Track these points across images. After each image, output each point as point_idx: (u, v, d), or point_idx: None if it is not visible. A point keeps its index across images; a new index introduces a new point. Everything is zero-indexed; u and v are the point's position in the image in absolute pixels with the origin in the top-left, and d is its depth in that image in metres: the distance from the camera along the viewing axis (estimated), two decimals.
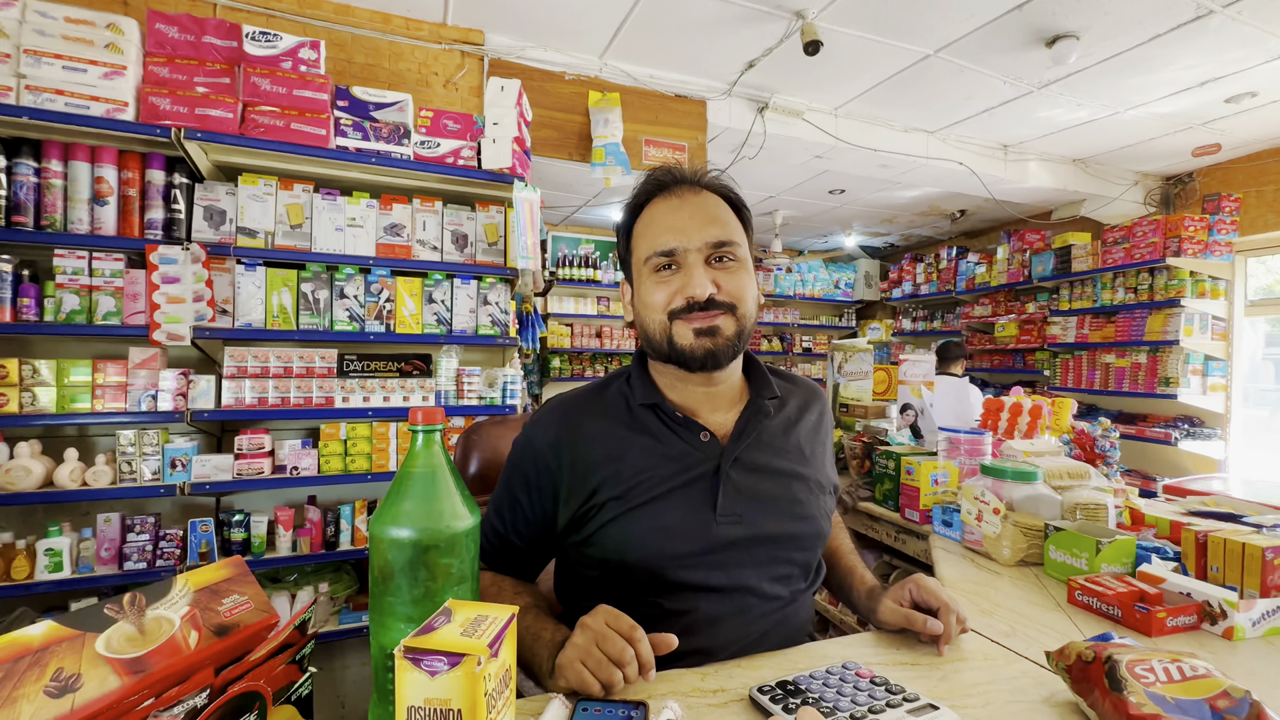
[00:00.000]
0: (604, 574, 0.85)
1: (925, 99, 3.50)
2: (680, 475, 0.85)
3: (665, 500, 0.84)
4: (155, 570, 2.00)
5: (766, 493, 0.88)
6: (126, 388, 2.03)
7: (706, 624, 0.84)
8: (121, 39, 1.96)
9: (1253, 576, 1.01)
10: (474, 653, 0.51)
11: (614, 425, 0.89)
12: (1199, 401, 4.08)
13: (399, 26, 2.76)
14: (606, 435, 0.88)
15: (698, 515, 0.84)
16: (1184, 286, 4.03)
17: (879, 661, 0.86)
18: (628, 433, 0.88)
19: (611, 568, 0.84)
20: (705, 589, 0.84)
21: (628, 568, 0.83)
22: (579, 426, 0.89)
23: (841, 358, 2.48)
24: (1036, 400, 1.90)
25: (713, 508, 0.84)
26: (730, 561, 0.85)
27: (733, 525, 0.84)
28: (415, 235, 2.38)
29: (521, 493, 0.89)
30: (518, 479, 0.90)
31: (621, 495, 0.84)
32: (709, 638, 0.84)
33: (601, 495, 0.84)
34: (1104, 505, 1.34)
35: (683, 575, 0.83)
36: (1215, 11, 2.56)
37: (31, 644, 0.52)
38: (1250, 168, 4.19)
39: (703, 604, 0.84)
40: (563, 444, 0.87)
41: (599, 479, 0.85)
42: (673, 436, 0.88)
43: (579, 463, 0.86)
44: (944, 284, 6.11)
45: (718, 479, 0.86)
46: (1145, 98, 3.39)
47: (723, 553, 0.84)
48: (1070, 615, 1.04)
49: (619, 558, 0.83)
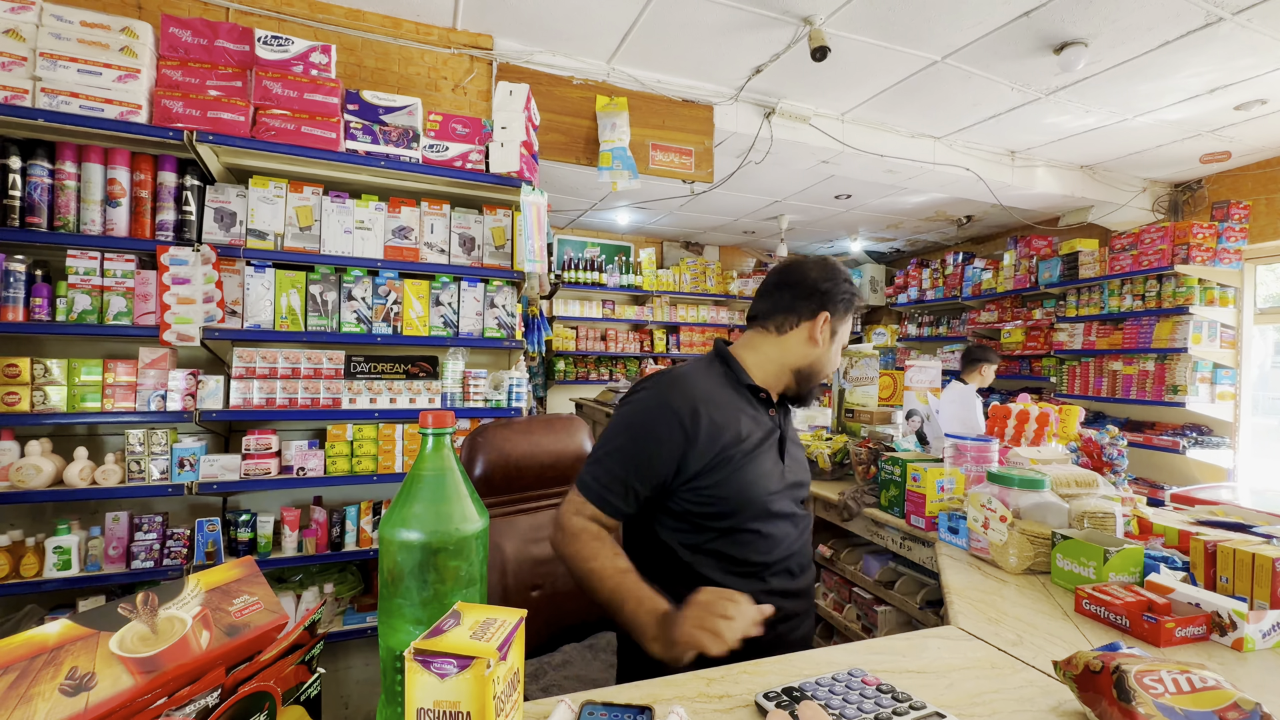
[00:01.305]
0: (726, 509, 1.13)
1: (932, 105, 3.50)
2: (766, 438, 1.20)
3: (763, 454, 1.18)
4: (163, 569, 2.01)
5: (794, 455, 1.28)
6: (136, 387, 2.04)
7: (780, 540, 1.18)
8: (136, 43, 1.98)
9: (1263, 587, 1.01)
10: (484, 655, 0.52)
11: (732, 397, 1.20)
12: (1207, 409, 4.06)
13: (409, 31, 2.78)
14: (729, 404, 1.18)
15: (777, 466, 1.20)
16: (1192, 294, 4.01)
17: (885, 669, 0.86)
18: (739, 403, 1.20)
19: (734, 502, 1.13)
20: (779, 515, 1.18)
21: (747, 499, 1.13)
22: (711, 396, 1.17)
23: (847, 363, 2.47)
24: (1044, 407, 1.90)
25: (781, 461, 1.22)
26: (788, 496, 1.21)
27: (787, 473, 1.22)
28: (423, 238, 2.39)
29: (654, 447, 1.11)
30: (650, 438, 1.11)
31: (744, 448, 1.15)
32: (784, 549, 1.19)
33: (730, 449, 1.13)
34: (1112, 514, 1.33)
35: (772, 505, 1.16)
36: (1225, 19, 2.55)
37: (47, 642, 0.52)
38: (1260, 175, 4.17)
39: (776, 527, 1.17)
40: (699, 409, 1.13)
41: (729, 436, 1.14)
42: (759, 411, 1.22)
43: (713, 424, 1.13)
44: (950, 290, 6.09)
45: (781, 443, 1.23)
46: (1154, 104, 3.38)
47: (786, 491, 1.20)
48: (1078, 624, 1.04)
49: (744, 494, 1.13)
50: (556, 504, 1.53)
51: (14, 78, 1.88)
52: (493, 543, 1.38)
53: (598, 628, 1.53)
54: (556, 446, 1.53)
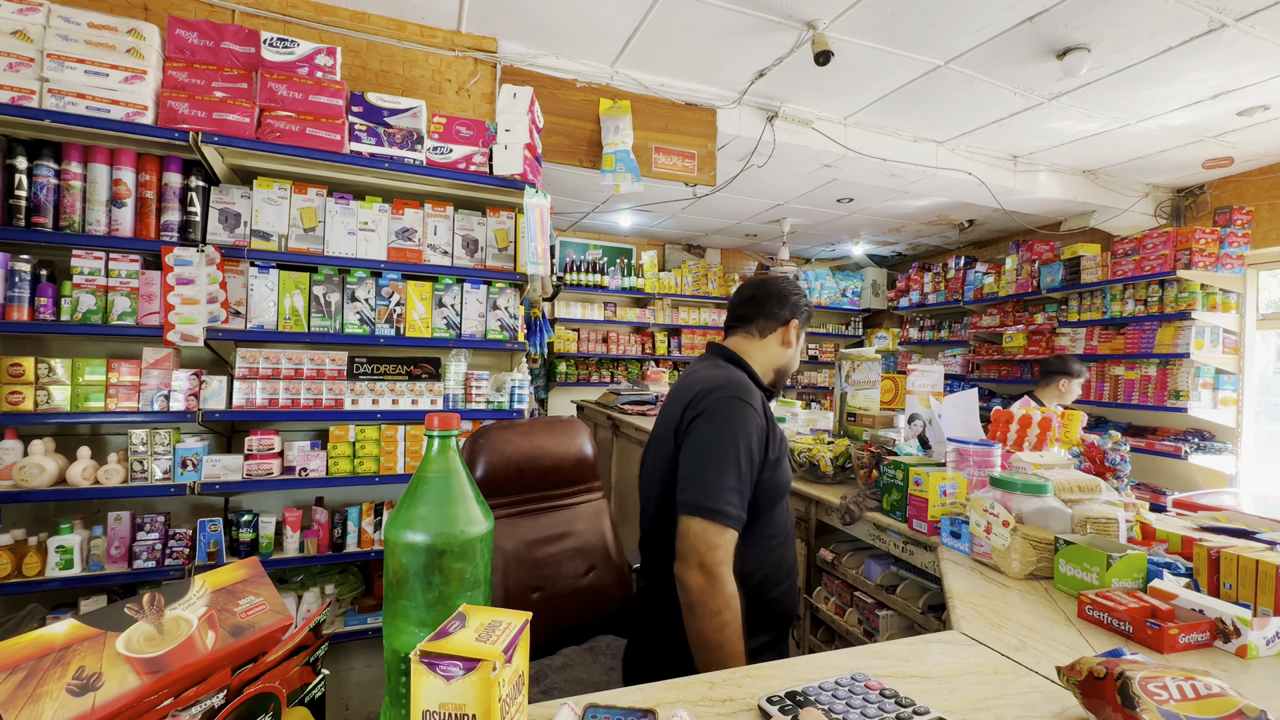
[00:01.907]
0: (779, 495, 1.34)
1: (935, 109, 3.50)
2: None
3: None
4: (164, 569, 2.01)
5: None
6: (140, 387, 2.05)
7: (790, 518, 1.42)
8: (143, 44, 1.99)
9: (1266, 594, 1.00)
10: (489, 658, 0.52)
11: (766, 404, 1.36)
12: (1209, 415, 4.05)
13: (413, 34, 2.79)
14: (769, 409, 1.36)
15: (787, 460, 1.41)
16: (1195, 299, 4.00)
17: (888, 674, 0.86)
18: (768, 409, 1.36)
19: (782, 490, 1.35)
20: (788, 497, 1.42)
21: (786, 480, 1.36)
22: (765, 403, 1.34)
23: (849, 367, 2.47)
24: (1046, 412, 1.89)
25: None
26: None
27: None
28: (426, 240, 2.40)
29: (753, 450, 1.24)
30: (747, 443, 1.23)
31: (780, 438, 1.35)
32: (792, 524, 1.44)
33: (780, 447, 1.33)
34: (1115, 519, 1.33)
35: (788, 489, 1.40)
36: (1228, 25, 2.55)
37: (55, 642, 0.53)
38: (1263, 180, 4.16)
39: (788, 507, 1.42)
40: (768, 413, 1.32)
41: (779, 435, 1.34)
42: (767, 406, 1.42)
43: (772, 425, 1.32)
44: (952, 294, 6.08)
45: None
46: (1156, 110, 3.38)
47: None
48: (1081, 630, 1.04)
49: (785, 476, 1.35)
50: (557, 506, 1.53)
51: (21, 78, 1.89)
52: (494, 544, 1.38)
53: (597, 630, 1.53)
54: (558, 449, 1.53)
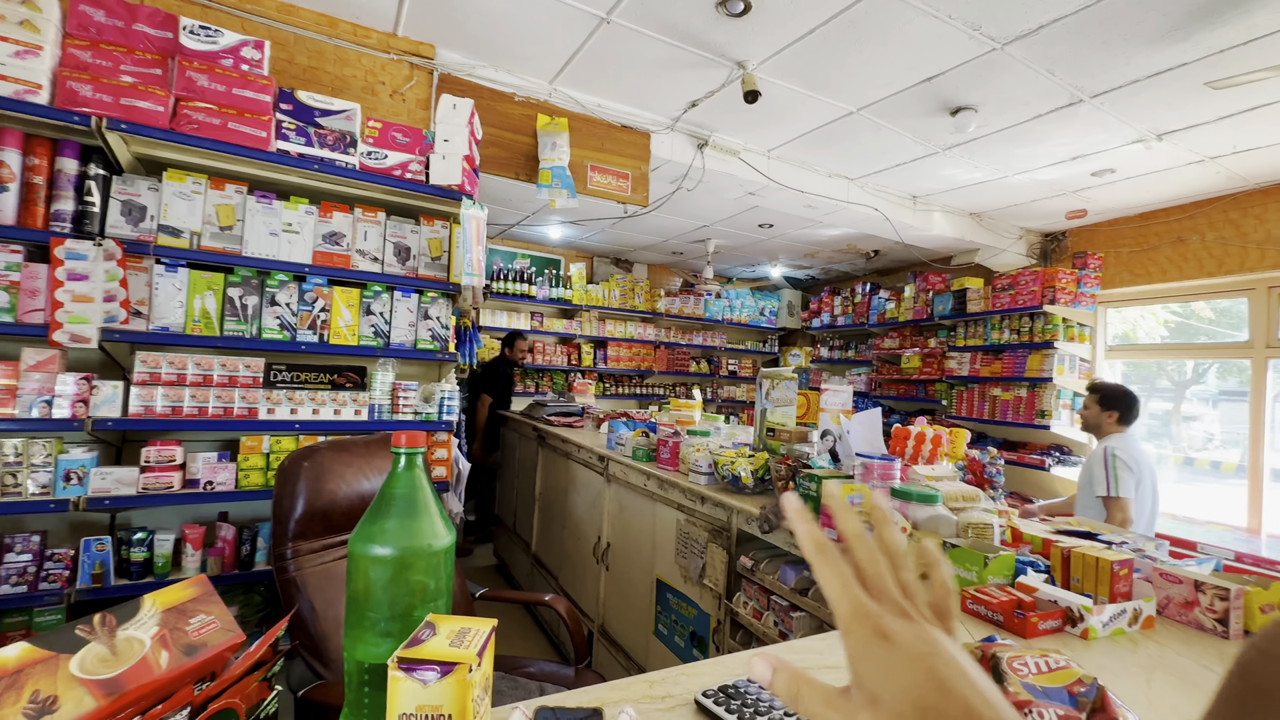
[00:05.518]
0: None
1: (847, 149, 3.83)
2: None
3: None
4: (39, 594, 1.81)
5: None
6: (16, 391, 1.85)
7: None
8: (38, 17, 1.82)
9: (1104, 586, 1.21)
10: (464, 661, 0.56)
11: None
12: (1067, 432, 4.64)
13: (346, 32, 2.71)
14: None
15: None
16: (1057, 331, 4.60)
17: (806, 666, 0.97)
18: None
19: None
20: None
21: None
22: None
23: (769, 385, 2.65)
24: (937, 430, 2.13)
25: None
26: None
27: None
28: (355, 245, 2.33)
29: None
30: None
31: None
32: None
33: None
34: (991, 525, 1.53)
35: None
36: (1084, 100, 3.00)
37: (7, 666, 0.51)
38: (1111, 231, 4.86)
39: None
40: None
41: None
42: None
43: None
44: (858, 317, 6.59)
45: None
46: (1029, 165, 3.89)
47: None
48: (963, 621, 1.20)
49: None
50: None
51: None
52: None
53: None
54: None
